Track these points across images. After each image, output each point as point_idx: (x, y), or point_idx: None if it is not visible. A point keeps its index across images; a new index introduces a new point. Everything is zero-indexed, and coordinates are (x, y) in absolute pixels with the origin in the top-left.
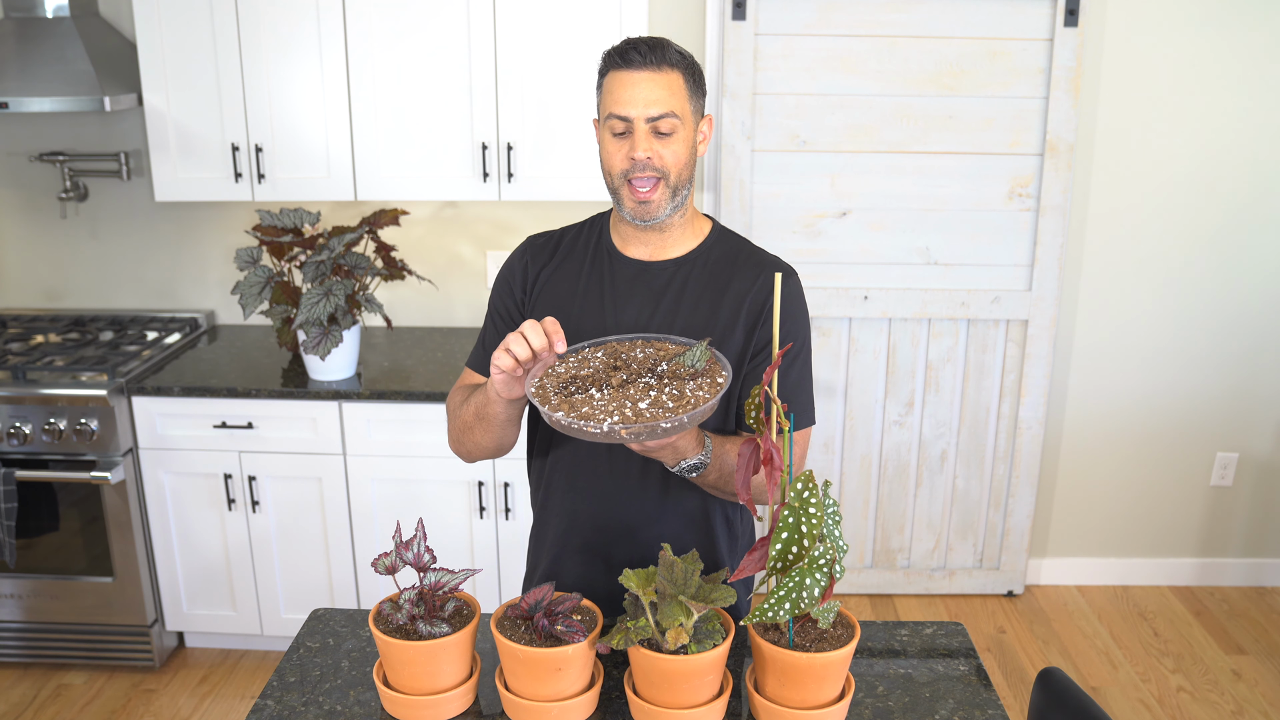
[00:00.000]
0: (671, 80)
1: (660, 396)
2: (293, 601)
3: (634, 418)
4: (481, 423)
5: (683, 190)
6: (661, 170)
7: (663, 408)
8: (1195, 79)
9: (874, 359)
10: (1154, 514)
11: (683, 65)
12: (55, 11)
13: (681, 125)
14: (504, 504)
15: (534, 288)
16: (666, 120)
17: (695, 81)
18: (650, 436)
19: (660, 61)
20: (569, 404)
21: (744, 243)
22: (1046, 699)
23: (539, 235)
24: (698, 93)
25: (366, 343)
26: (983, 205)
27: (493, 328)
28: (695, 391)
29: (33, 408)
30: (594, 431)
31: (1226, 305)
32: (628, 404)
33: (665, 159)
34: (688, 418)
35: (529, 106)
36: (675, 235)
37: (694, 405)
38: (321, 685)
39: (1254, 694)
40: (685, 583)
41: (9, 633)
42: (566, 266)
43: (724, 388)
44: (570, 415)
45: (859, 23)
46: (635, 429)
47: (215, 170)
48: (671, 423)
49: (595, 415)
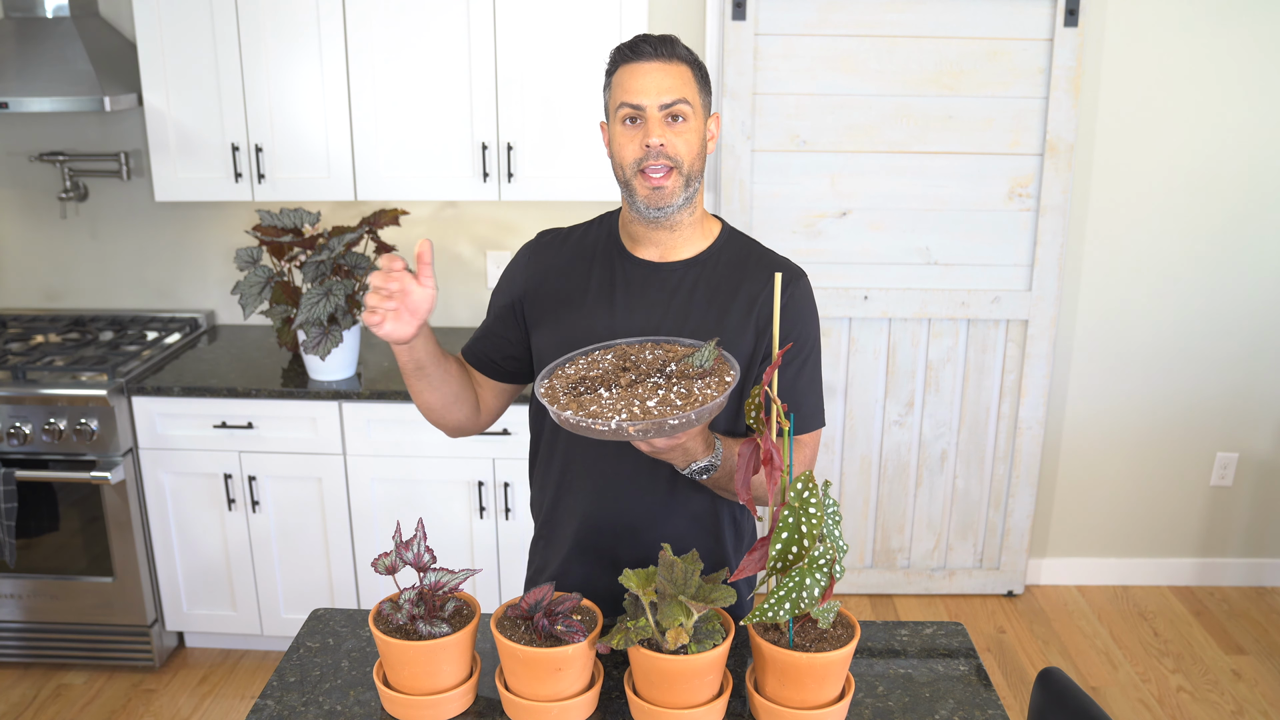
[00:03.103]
0: (682, 71)
1: (669, 395)
2: (293, 601)
3: (642, 415)
4: (409, 380)
5: (694, 183)
6: (674, 159)
7: (671, 406)
8: (1195, 79)
9: (874, 359)
10: (1154, 514)
11: (691, 61)
12: (55, 11)
13: (693, 114)
14: (504, 504)
15: (539, 286)
16: (679, 106)
17: (703, 78)
18: (658, 434)
19: (670, 54)
20: (577, 403)
21: (754, 244)
22: (1046, 699)
23: (548, 232)
24: (705, 89)
25: (366, 343)
26: (982, 205)
27: (487, 320)
28: (703, 390)
29: (33, 408)
30: (602, 429)
31: (1226, 305)
32: (636, 402)
33: (678, 147)
34: (695, 415)
35: (529, 106)
36: (685, 235)
37: (702, 403)
38: (321, 685)
39: (1254, 694)
40: (685, 583)
41: (9, 633)
42: (576, 265)
43: (731, 386)
44: (579, 414)
45: (859, 23)
46: (643, 426)
47: (215, 170)
48: (679, 419)
49: (603, 413)
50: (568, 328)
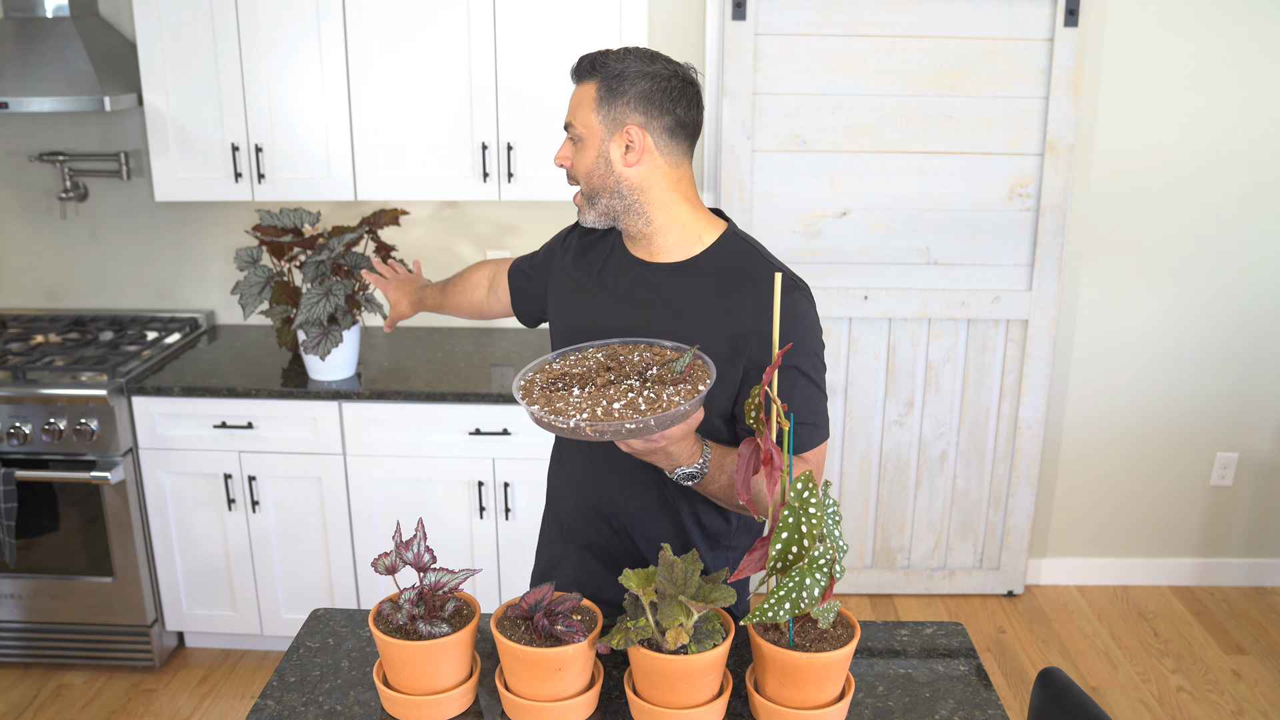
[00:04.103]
0: (583, 92)
1: (636, 399)
2: (293, 601)
3: (603, 416)
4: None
5: (602, 200)
6: (574, 177)
7: (635, 409)
8: (1195, 79)
9: (874, 359)
10: (1154, 514)
11: (602, 76)
12: (55, 11)
13: (588, 134)
14: (504, 504)
15: (561, 265)
16: (572, 129)
17: (610, 92)
18: (615, 436)
19: (579, 75)
20: (546, 399)
21: (754, 253)
22: (1046, 699)
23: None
24: (613, 103)
25: (366, 343)
26: (982, 205)
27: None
28: (672, 397)
29: (33, 408)
30: (561, 426)
31: (1226, 305)
32: (602, 403)
33: (576, 166)
34: (654, 420)
35: (529, 106)
36: (659, 244)
37: (665, 409)
38: (321, 685)
39: (1254, 694)
40: (685, 583)
41: (9, 633)
42: (592, 256)
43: (703, 395)
44: (544, 409)
45: (859, 23)
46: (600, 427)
47: (215, 170)
48: (636, 424)
49: (566, 411)
50: (575, 321)
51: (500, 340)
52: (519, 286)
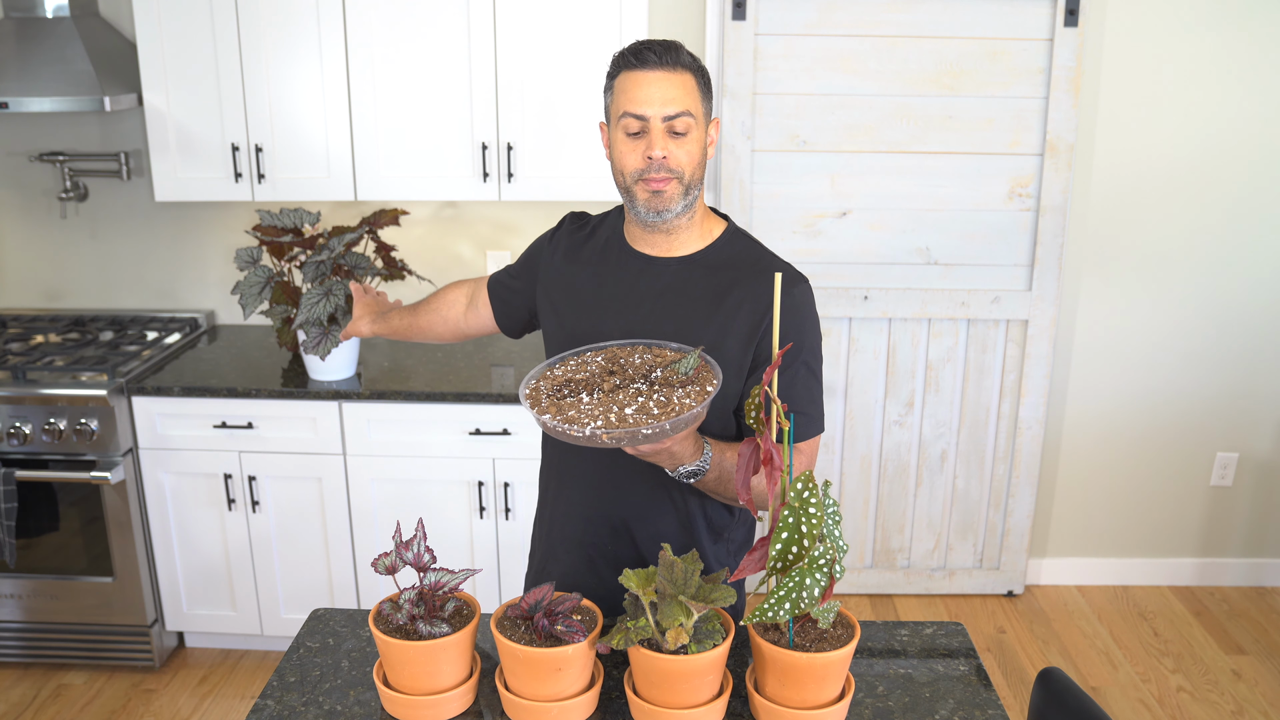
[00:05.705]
0: (685, 80)
1: (647, 403)
2: (293, 601)
3: (617, 423)
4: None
5: (694, 190)
6: (676, 170)
7: (648, 414)
8: (1195, 79)
9: (874, 359)
10: (1154, 514)
11: (694, 68)
12: (55, 11)
13: (695, 125)
14: (504, 504)
15: (552, 265)
16: (682, 119)
17: (705, 84)
18: (631, 442)
19: (675, 63)
20: (557, 407)
21: (755, 248)
22: (1046, 699)
23: (579, 216)
24: (707, 95)
25: (366, 343)
26: (982, 205)
27: (502, 275)
28: (682, 399)
29: (33, 408)
30: (577, 435)
31: (1226, 305)
32: (614, 409)
33: (680, 159)
34: (670, 424)
35: (529, 106)
36: (682, 237)
37: (678, 412)
38: (321, 685)
39: (1254, 694)
40: (685, 583)
41: (9, 633)
42: (585, 254)
43: (712, 396)
44: (556, 418)
45: (859, 23)
46: (617, 434)
47: (215, 170)
48: (653, 429)
49: (580, 419)
50: (572, 322)
51: (500, 340)
52: (501, 298)
